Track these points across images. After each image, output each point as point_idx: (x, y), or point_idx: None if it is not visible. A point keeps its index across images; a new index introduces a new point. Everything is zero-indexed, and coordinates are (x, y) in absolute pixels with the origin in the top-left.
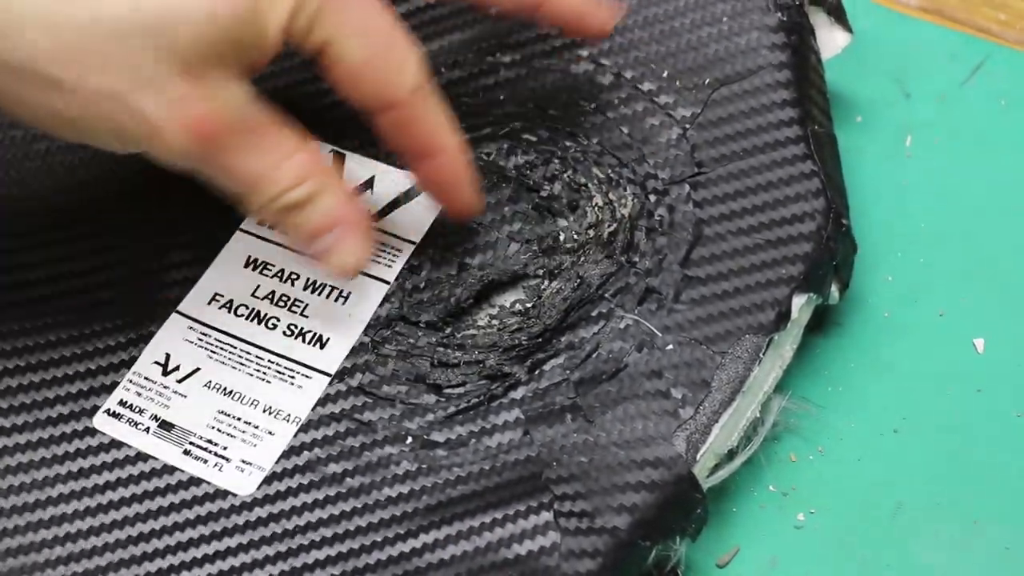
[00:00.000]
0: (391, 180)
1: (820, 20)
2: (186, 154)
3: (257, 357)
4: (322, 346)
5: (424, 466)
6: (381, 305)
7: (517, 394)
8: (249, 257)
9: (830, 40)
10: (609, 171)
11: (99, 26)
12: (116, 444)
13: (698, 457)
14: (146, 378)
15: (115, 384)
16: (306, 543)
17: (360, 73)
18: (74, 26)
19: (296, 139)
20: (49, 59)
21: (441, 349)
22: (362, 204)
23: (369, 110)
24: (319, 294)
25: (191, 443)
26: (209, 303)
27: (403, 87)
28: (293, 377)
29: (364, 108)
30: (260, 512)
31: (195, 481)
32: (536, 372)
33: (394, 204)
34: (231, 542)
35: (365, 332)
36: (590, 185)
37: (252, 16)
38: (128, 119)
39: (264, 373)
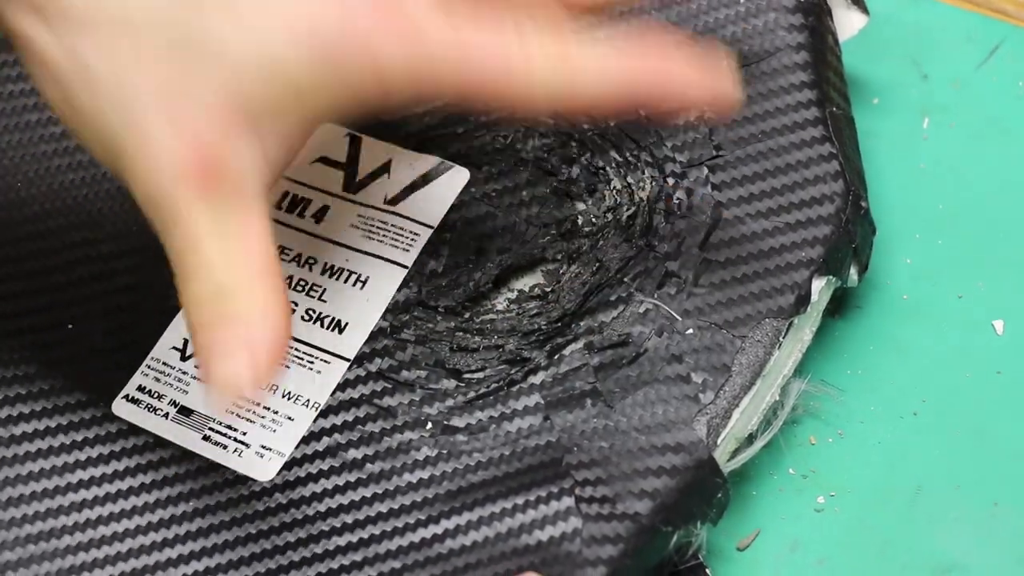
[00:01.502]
0: (408, 164)
1: (837, 1)
2: (177, 183)
3: None
4: (340, 331)
5: (444, 452)
6: (399, 290)
7: (537, 379)
8: None
9: (847, 22)
10: (627, 154)
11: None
12: (135, 430)
13: (719, 442)
14: (164, 363)
15: (134, 370)
16: (327, 529)
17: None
18: (133, 21)
19: (268, 260)
20: (99, 53)
21: (460, 334)
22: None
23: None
24: (337, 279)
25: (210, 428)
26: None
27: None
28: (312, 362)
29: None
30: (280, 498)
31: (214, 467)
32: (556, 357)
33: (411, 188)
34: (252, 528)
35: (383, 317)
36: (608, 168)
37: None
38: (130, 141)
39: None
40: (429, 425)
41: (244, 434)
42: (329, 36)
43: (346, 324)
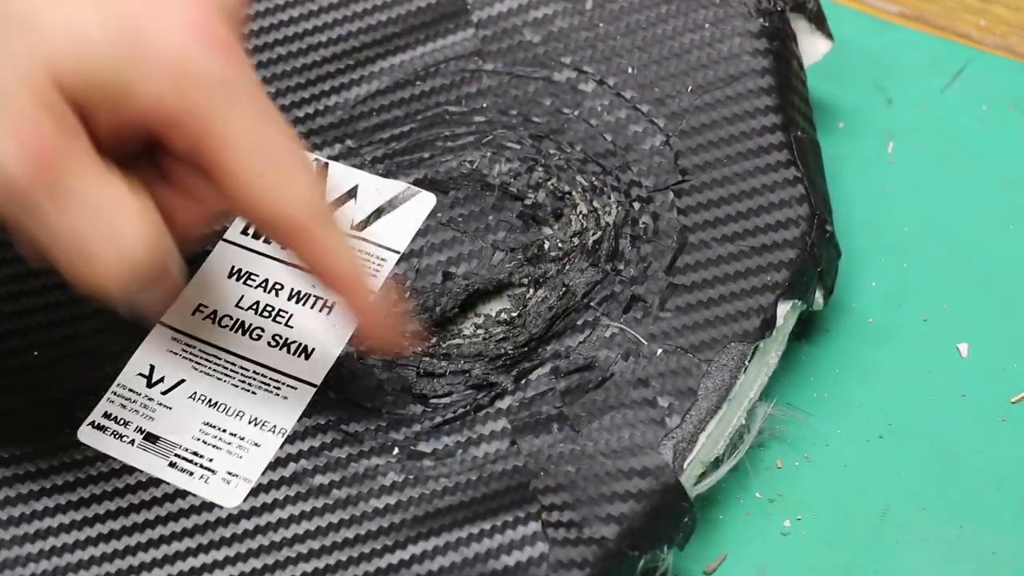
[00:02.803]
0: (374, 189)
1: (801, 27)
2: (13, 181)
3: (242, 368)
4: (307, 357)
5: (411, 477)
6: None
7: (503, 404)
8: (233, 267)
9: (811, 47)
10: (593, 179)
11: None
12: (101, 457)
13: (685, 466)
14: (131, 390)
15: (100, 396)
16: (293, 555)
17: (255, 189)
18: None
19: (134, 194)
20: None
21: (426, 359)
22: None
23: (268, 229)
24: (304, 304)
25: (176, 455)
26: (193, 314)
27: (302, 211)
28: (279, 388)
29: (261, 224)
30: (246, 524)
31: (181, 493)
32: (522, 381)
33: (378, 213)
34: (217, 555)
35: (350, 343)
36: (574, 193)
37: (122, 70)
38: None
39: (249, 384)
40: (396, 451)
41: (211, 460)
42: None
43: (312, 350)
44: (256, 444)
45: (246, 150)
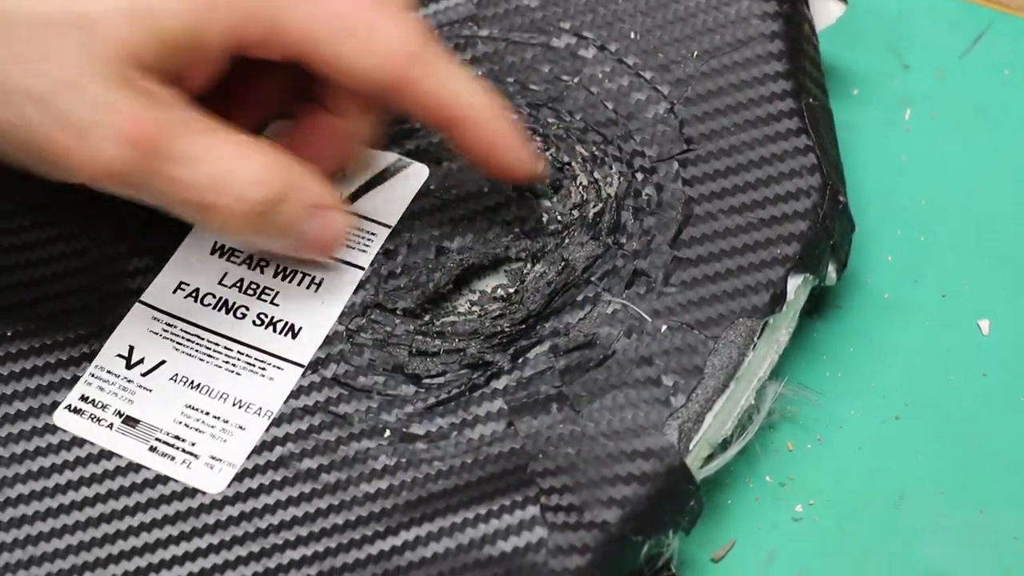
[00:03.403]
0: (364, 161)
1: None
2: (120, 166)
3: (226, 348)
4: (294, 336)
5: (403, 460)
6: (355, 292)
7: (500, 383)
8: (215, 243)
9: (824, 10)
10: (594, 149)
11: (24, 21)
12: (78, 441)
13: (691, 447)
14: (109, 372)
15: (76, 379)
16: (280, 543)
17: (342, 59)
18: (9, 16)
19: (242, 140)
20: None
21: (419, 337)
22: (333, 192)
23: (374, 95)
24: (290, 281)
25: (157, 439)
26: (174, 292)
27: (395, 58)
28: (264, 369)
29: (368, 95)
30: (231, 511)
31: (162, 479)
32: (520, 360)
33: (368, 186)
34: (200, 543)
35: (339, 320)
36: (574, 164)
37: (190, 24)
38: (56, 130)
39: (233, 365)
40: (387, 433)
41: (193, 444)
42: None
43: (300, 328)
44: (241, 427)
45: (319, 20)
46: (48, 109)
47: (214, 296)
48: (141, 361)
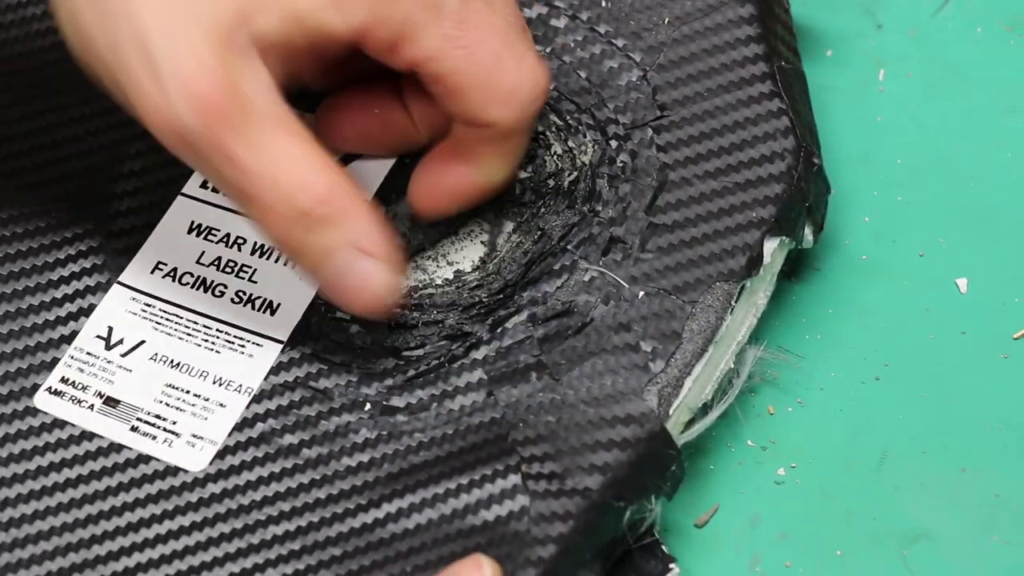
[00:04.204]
0: None
1: None
2: (187, 129)
3: (205, 327)
4: (273, 312)
5: (384, 433)
6: None
7: (479, 354)
8: (192, 223)
9: None
10: (567, 118)
11: None
12: (59, 423)
13: (671, 412)
14: (88, 353)
15: (56, 361)
16: (263, 518)
17: (471, 100)
18: None
19: (312, 147)
20: None
21: (398, 310)
22: (393, 249)
23: (471, 124)
24: (268, 259)
25: (138, 419)
26: (152, 272)
27: (509, 115)
28: (243, 346)
29: (457, 119)
30: (214, 488)
31: (144, 459)
32: (498, 330)
33: (343, 161)
34: (184, 520)
35: (317, 296)
36: (548, 133)
37: (322, 5)
38: (135, 63)
39: (213, 343)
40: (368, 406)
41: (174, 423)
42: None
43: (278, 305)
44: (221, 405)
45: (456, 50)
46: (139, 44)
47: (192, 275)
48: (120, 342)
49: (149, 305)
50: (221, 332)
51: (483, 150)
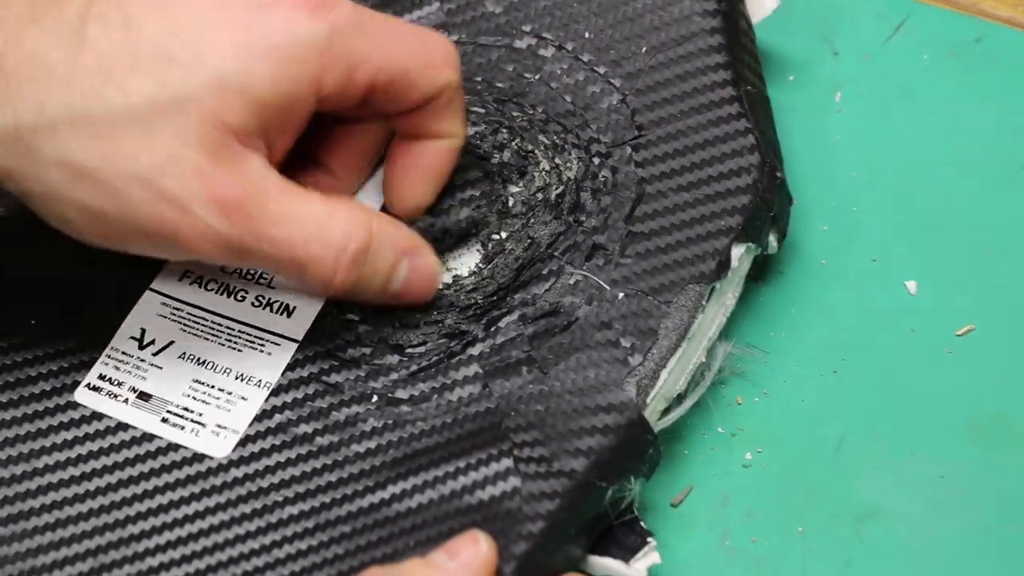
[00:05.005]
0: None
1: None
2: (222, 233)
3: (228, 328)
4: (289, 314)
5: (389, 422)
6: None
7: (475, 350)
8: None
9: (760, 3)
10: (554, 137)
11: (127, 110)
12: (97, 416)
13: (648, 401)
14: (123, 353)
15: (94, 360)
16: (280, 500)
17: (409, 78)
18: (104, 114)
19: (326, 198)
20: (82, 150)
21: (402, 312)
22: (419, 237)
23: (418, 106)
24: None
25: (168, 411)
26: (180, 279)
27: (450, 68)
28: (263, 345)
29: (415, 107)
30: (236, 473)
31: (173, 447)
32: (492, 329)
33: None
34: (209, 502)
35: (329, 300)
36: (537, 151)
37: (282, 87)
38: (157, 206)
39: (235, 342)
40: (374, 398)
41: (200, 415)
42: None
43: (294, 308)
44: (243, 398)
45: (387, 46)
46: (151, 188)
47: (216, 282)
48: (152, 342)
49: (178, 309)
50: (243, 333)
51: (442, 119)
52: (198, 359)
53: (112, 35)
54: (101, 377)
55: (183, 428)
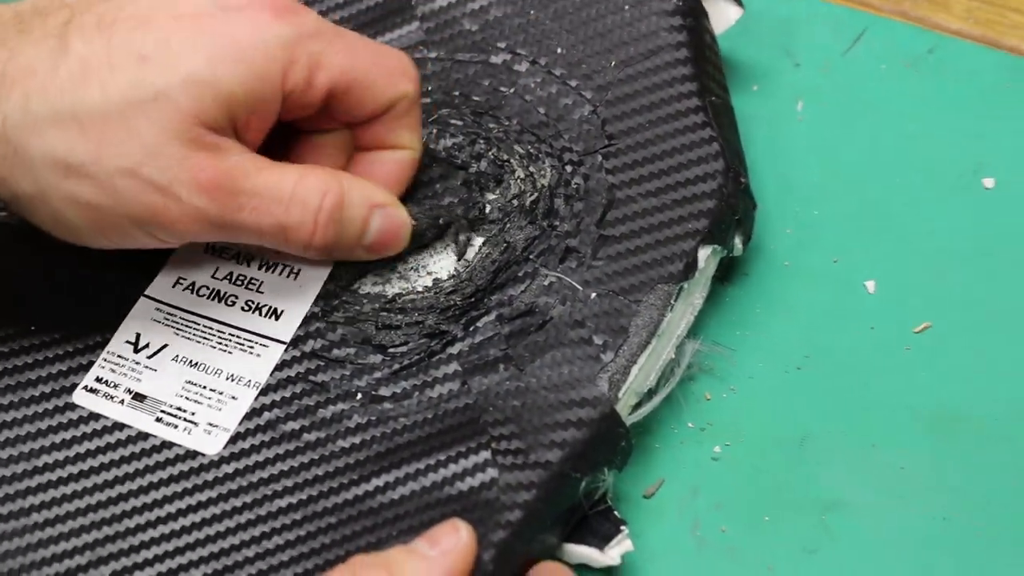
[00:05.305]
0: None
1: None
2: (208, 212)
3: (219, 331)
4: (277, 318)
5: (373, 418)
6: (328, 279)
7: (454, 349)
8: (208, 244)
9: (723, 14)
10: (529, 147)
11: (108, 107)
12: (94, 416)
13: (620, 395)
14: (119, 356)
15: (91, 363)
16: (270, 493)
17: (367, 86)
18: (87, 111)
19: (298, 167)
20: (69, 147)
21: (384, 313)
22: (388, 193)
23: (377, 115)
24: (273, 272)
25: (162, 411)
26: (174, 286)
27: (408, 78)
28: (252, 347)
29: (374, 116)
30: (227, 468)
31: (167, 444)
32: (471, 328)
33: None
34: (202, 496)
35: (315, 303)
36: (512, 160)
37: (250, 83)
38: (144, 194)
39: (226, 345)
40: (359, 396)
41: (193, 414)
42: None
43: (282, 311)
44: (233, 397)
45: (350, 55)
46: (138, 177)
47: (208, 288)
48: (147, 346)
49: (171, 314)
50: (233, 336)
51: (399, 129)
52: (190, 361)
53: (91, 42)
54: (98, 379)
55: (176, 427)
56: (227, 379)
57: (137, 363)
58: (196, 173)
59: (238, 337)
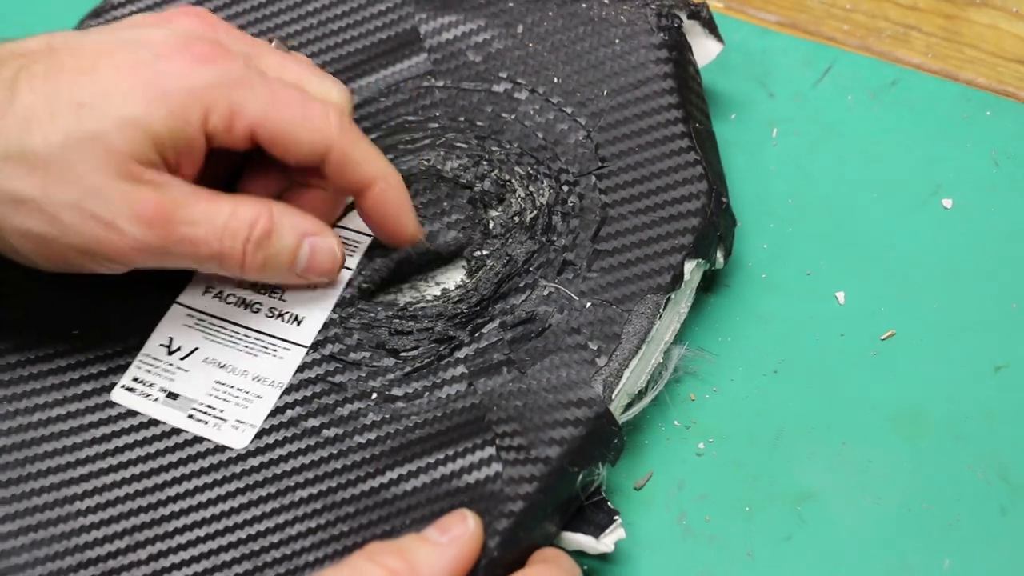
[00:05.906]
0: None
1: (696, 31)
2: (146, 241)
3: (245, 335)
4: (298, 324)
5: (387, 416)
6: (346, 287)
7: (462, 353)
8: None
9: (705, 49)
10: (529, 168)
11: (50, 151)
12: (131, 413)
13: (613, 397)
14: (154, 358)
15: (128, 364)
16: (292, 485)
17: (289, 136)
18: (32, 154)
19: (233, 196)
20: (20, 182)
21: (397, 321)
22: (319, 222)
23: (310, 165)
24: None
25: (193, 408)
26: (203, 294)
27: (330, 130)
28: (276, 350)
29: (306, 165)
30: (253, 462)
31: (198, 439)
32: (476, 335)
33: (352, 206)
34: (230, 487)
35: (334, 310)
36: (513, 181)
37: (172, 124)
38: (89, 227)
39: (252, 348)
40: (374, 396)
41: (222, 411)
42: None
43: (303, 318)
44: (259, 396)
45: (268, 104)
46: (82, 211)
47: (235, 296)
48: (179, 348)
49: (201, 320)
50: (258, 340)
51: (348, 174)
52: (219, 363)
53: (37, 90)
54: (135, 379)
55: (206, 423)
56: (253, 379)
57: (170, 364)
58: (136, 207)
59: (263, 341)
